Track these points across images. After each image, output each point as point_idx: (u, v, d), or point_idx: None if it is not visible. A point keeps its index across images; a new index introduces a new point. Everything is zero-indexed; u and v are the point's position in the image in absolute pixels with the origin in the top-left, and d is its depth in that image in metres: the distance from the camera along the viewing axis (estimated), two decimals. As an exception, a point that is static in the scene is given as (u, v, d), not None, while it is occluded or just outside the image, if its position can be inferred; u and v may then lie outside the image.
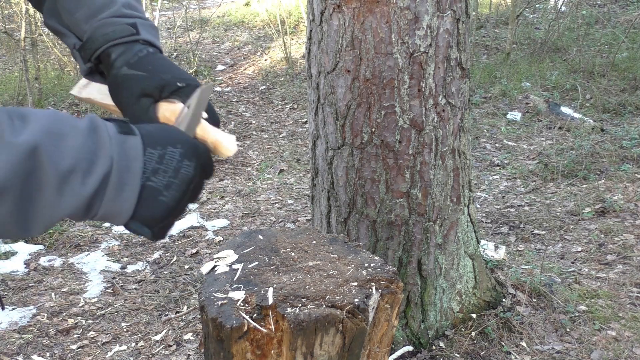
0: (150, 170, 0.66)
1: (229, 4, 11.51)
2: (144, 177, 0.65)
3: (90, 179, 0.60)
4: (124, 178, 0.63)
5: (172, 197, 0.68)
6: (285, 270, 1.25)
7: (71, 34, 0.85)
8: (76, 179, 0.59)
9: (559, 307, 2.49)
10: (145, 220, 0.67)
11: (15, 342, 2.51)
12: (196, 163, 0.70)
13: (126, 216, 0.66)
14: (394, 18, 1.99)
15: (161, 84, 0.81)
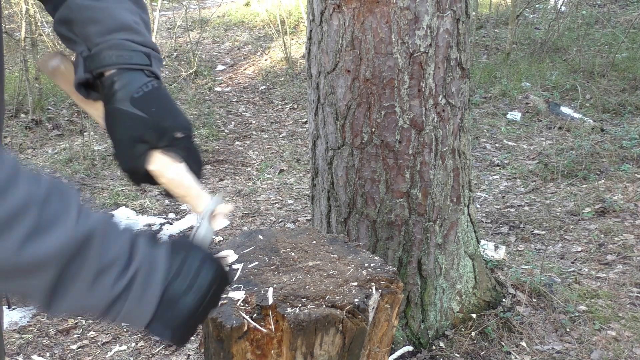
0: (172, 274, 0.69)
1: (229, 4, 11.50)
2: (165, 283, 0.68)
3: (122, 279, 0.63)
4: (148, 281, 0.66)
5: (192, 300, 0.70)
6: (285, 270, 1.25)
7: (81, 42, 0.84)
8: (111, 275, 0.63)
9: (559, 307, 2.49)
10: (165, 322, 0.69)
11: (15, 342, 2.52)
12: (215, 269, 0.73)
13: (146, 319, 0.68)
14: (394, 18, 1.99)
15: (160, 132, 0.81)
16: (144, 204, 4.10)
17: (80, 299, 0.62)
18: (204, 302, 0.72)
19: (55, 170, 4.69)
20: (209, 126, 6.04)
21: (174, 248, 0.70)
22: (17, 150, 5.22)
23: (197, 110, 6.55)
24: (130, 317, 0.66)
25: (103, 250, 0.61)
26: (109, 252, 0.62)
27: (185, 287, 0.69)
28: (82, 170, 4.75)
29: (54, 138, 5.71)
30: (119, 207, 4.02)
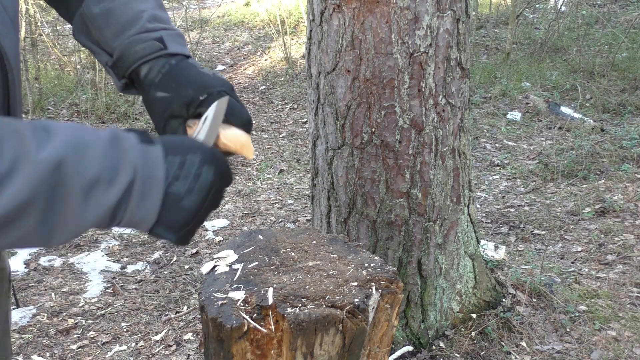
0: (171, 176, 0.68)
1: (229, 4, 11.51)
2: (166, 184, 0.67)
3: (114, 189, 0.62)
4: (147, 186, 0.65)
5: (193, 202, 0.70)
6: (285, 270, 1.25)
7: (102, 51, 0.87)
8: (100, 189, 0.61)
9: (559, 307, 2.49)
10: (169, 225, 0.69)
11: (15, 342, 2.51)
12: (215, 169, 0.72)
13: (150, 222, 0.68)
14: (394, 18, 1.99)
15: (186, 103, 0.82)
16: None
17: (78, 221, 0.61)
18: (206, 202, 0.71)
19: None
20: (209, 126, 6.03)
21: (171, 148, 0.69)
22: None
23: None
24: (134, 222, 0.66)
25: (81, 167, 0.59)
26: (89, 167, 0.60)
27: (187, 189, 0.69)
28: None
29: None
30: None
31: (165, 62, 0.85)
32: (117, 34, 0.85)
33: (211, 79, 0.85)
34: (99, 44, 0.87)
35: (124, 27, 0.84)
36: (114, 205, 0.63)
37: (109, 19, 0.84)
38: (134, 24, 0.85)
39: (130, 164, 0.63)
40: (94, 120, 6.10)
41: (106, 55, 0.87)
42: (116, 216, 0.64)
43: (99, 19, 0.85)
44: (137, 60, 0.84)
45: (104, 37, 0.85)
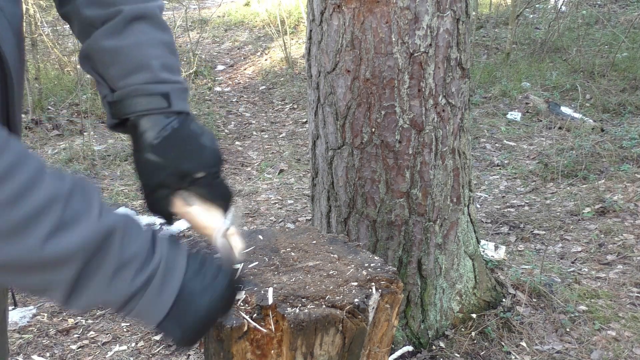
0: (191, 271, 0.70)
1: (229, 4, 11.50)
2: (184, 279, 0.69)
3: (142, 274, 0.65)
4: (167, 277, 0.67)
5: (207, 301, 0.71)
6: (285, 270, 1.25)
7: (104, 83, 0.84)
8: (131, 270, 0.64)
9: (559, 307, 2.49)
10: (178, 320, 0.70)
11: (15, 342, 2.52)
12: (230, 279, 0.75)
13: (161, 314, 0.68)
14: (394, 18, 1.99)
15: (180, 175, 0.82)
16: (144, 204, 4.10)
17: (99, 293, 0.63)
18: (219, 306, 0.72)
19: (55, 170, 4.69)
20: (209, 126, 6.04)
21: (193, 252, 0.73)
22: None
23: (197, 110, 6.56)
24: (145, 313, 0.67)
25: (124, 246, 0.63)
26: (130, 248, 0.63)
27: (202, 288, 0.70)
28: (82, 170, 4.75)
29: (53, 138, 5.72)
30: (119, 207, 4.02)
31: (167, 123, 0.81)
32: (123, 76, 0.81)
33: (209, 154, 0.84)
34: (102, 76, 0.84)
35: (132, 71, 0.81)
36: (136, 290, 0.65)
37: (118, 58, 0.81)
38: (143, 70, 0.81)
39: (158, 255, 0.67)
40: (93, 120, 6.10)
41: (107, 89, 0.83)
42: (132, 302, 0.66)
43: (107, 55, 0.81)
44: (138, 112, 0.81)
45: (109, 74, 0.82)
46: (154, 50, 0.83)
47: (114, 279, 0.63)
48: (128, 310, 0.66)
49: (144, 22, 0.82)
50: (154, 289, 0.66)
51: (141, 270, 0.64)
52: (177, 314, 0.69)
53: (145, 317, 0.68)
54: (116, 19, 0.80)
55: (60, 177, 0.61)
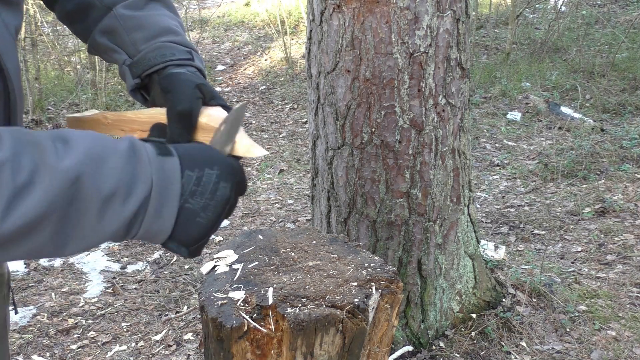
0: (188, 192, 0.67)
1: (229, 4, 11.50)
2: (182, 199, 0.67)
3: (130, 202, 0.61)
4: (163, 200, 0.65)
5: (208, 218, 0.70)
6: (285, 270, 1.25)
7: (122, 50, 0.87)
8: (117, 202, 0.60)
9: (559, 307, 2.49)
10: (182, 240, 0.69)
11: (15, 342, 2.52)
12: (232, 183, 0.72)
13: (164, 237, 0.68)
14: (394, 18, 1.99)
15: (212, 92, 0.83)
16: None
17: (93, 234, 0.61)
18: (220, 217, 0.71)
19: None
20: (209, 126, 6.03)
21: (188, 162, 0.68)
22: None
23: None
24: (148, 236, 0.66)
25: (98, 181, 0.59)
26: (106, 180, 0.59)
27: (202, 205, 0.68)
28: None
29: (54, 138, 5.71)
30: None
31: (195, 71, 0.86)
32: (148, 38, 0.86)
33: None
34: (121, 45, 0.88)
35: (157, 33, 0.86)
36: (130, 219, 0.62)
37: (142, 23, 0.86)
38: (167, 33, 0.87)
39: (147, 178, 0.63)
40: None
41: (125, 55, 0.87)
42: (131, 230, 0.64)
43: (130, 21, 0.86)
44: (166, 61, 0.84)
45: (132, 39, 0.86)
46: (174, 22, 0.91)
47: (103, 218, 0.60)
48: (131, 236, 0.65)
49: (161, 3, 0.91)
50: (151, 213, 0.64)
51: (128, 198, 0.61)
52: (180, 234, 0.68)
53: (149, 239, 0.67)
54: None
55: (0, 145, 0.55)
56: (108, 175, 0.60)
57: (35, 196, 0.54)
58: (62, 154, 0.57)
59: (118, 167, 0.61)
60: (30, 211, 0.54)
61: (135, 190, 0.61)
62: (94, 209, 0.59)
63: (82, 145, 0.59)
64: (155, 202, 0.64)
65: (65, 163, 0.56)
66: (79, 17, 0.90)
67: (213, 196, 0.69)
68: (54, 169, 0.55)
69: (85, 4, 0.89)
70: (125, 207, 0.61)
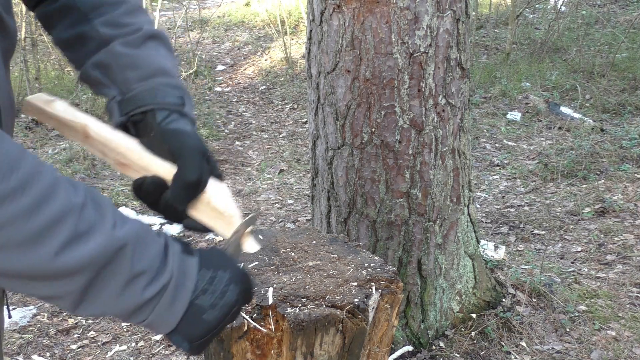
0: (200, 289, 0.71)
1: (229, 4, 11.50)
2: (194, 295, 0.70)
3: (152, 287, 0.66)
4: (178, 292, 0.68)
5: (214, 317, 0.72)
6: (285, 270, 1.25)
7: (114, 87, 0.86)
8: (142, 282, 0.65)
9: (558, 307, 2.49)
10: (186, 334, 0.72)
11: (15, 342, 2.52)
12: (240, 289, 0.75)
13: (169, 328, 0.70)
14: (394, 18, 1.99)
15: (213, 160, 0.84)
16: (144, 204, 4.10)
17: (109, 303, 0.64)
18: (226, 319, 0.74)
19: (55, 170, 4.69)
20: (209, 126, 6.04)
21: (205, 262, 0.73)
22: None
23: (197, 110, 6.56)
24: (156, 324, 0.69)
25: (136, 257, 0.64)
26: (142, 260, 0.64)
27: (211, 304, 0.71)
28: (82, 170, 4.76)
29: (54, 138, 5.72)
30: (119, 207, 4.02)
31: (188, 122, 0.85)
32: (142, 78, 0.85)
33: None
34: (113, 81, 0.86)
35: (152, 74, 0.85)
36: (144, 303, 0.66)
37: (137, 63, 0.85)
38: (165, 75, 0.86)
39: (170, 269, 0.67)
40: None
41: (117, 91, 0.86)
42: (141, 314, 0.67)
43: (126, 59, 0.85)
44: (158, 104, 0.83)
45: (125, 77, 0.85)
46: (171, 63, 0.90)
47: (125, 291, 0.64)
48: (136, 321, 0.68)
49: (158, 42, 0.90)
50: (165, 303, 0.67)
51: (152, 282, 0.65)
52: (185, 328, 0.71)
53: (155, 328, 0.70)
54: (136, 35, 0.86)
55: (75, 187, 0.61)
56: (145, 256, 0.65)
57: (87, 247, 0.59)
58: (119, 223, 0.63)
59: (154, 252, 0.66)
60: (77, 258, 0.58)
61: (159, 277, 0.66)
62: (121, 281, 0.63)
63: (135, 224, 0.66)
64: (170, 292, 0.67)
65: (121, 231, 0.63)
66: (73, 47, 0.89)
67: (222, 296, 0.73)
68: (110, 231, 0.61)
69: (83, 35, 0.87)
70: (147, 289, 0.65)
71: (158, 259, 0.66)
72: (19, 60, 6.00)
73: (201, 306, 0.71)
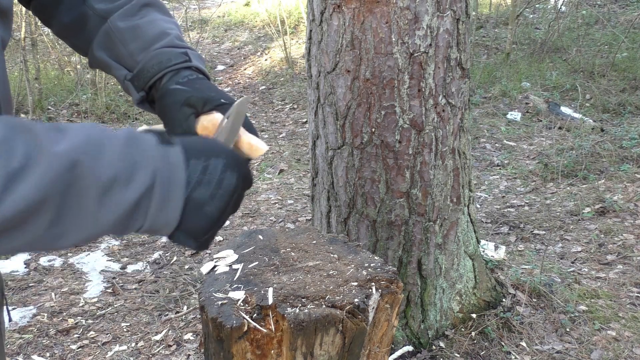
0: (194, 182, 0.66)
1: (229, 4, 11.50)
2: (189, 189, 0.66)
3: (131, 189, 0.59)
4: (168, 189, 0.63)
5: (216, 208, 0.68)
6: (285, 270, 1.25)
7: (120, 66, 0.87)
8: (117, 189, 0.58)
9: (559, 307, 2.49)
10: (190, 231, 0.68)
11: (15, 342, 2.52)
12: (238, 174, 0.71)
13: (171, 228, 0.66)
14: (394, 18, 1.99)
15: (205, 98, 0.82)
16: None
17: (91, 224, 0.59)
18: (228, 208, 0.70)
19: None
20: (209, 126, 6.03)
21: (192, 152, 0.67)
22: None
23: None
24: (155, 228, 0.65)
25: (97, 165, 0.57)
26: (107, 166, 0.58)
27: (209, 195, 0.67)
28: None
29: (54, 138, 5.71)
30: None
31: (192, 72, 0.86)
32: (144, 47, 0.86)
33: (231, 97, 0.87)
34: (119, 59, 0.88)
35: (151, 41, 0.86)
36: (132, 208, 0.60)
37: (137, 33, 0.87)
38: (161, 38, 0.87)
39: (149, 166, 0.61)
40: (94, 120, 6.10)
41: (124, 69, 0.87)
42: (135, 221, 0.62)
43: (126, 32, 0.86)
44: (163, 69, 0.84)
45: (129, 51, 0.86)
46: (168, 24, 0.91)
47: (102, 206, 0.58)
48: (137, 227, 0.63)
49: (153, 8, 0.91)
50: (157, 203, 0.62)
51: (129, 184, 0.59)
52: (188, 225, 0.67)
53: (156, 231, 0.66)
54: (130, 5, 0.88)
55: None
56: (107, 160, 0.58)
57: (31, 181, 0.52)
58: (58, 139, 0.55)
59: (117, 153, 0.59)
60: (25, 197, 0.51)
61: (136, 176, 0.60)
62: (93, 196, 0.57)
63: (78, 131, 0.58)
64: (159, 190, 0.62)
65: (61, 147, 0.55)
66: (75, 31, 0.90)
67: (220, 185, 0.68)
68: (49, 153, 0.53)
69: (81, 15, 0.88)
70: (126, 194, 0.59)
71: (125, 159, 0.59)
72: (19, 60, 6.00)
73: (199, 199, 0.66)
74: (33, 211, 0.53)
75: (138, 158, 0.61)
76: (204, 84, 0.85)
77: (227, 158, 0.70)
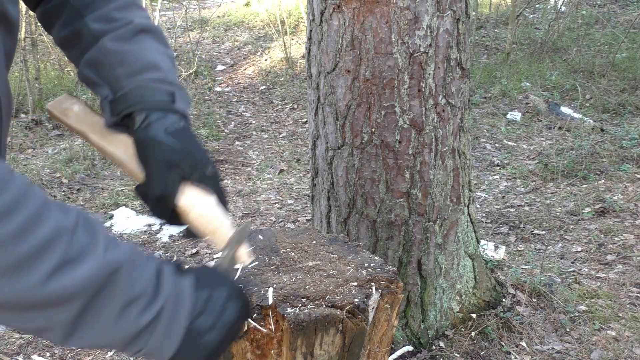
0: (197, 312, 0.68)
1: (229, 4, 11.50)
2: (191, 318, 0.68)
3: (148, 312, 0.63)
4: (174, 316, 0.65)
5: (214, 338, 0.70)
6: (285, 270, 1.25)
7: (106, 85, 0.85)
8: (138, 307, 0.62)
9: (559, 307, 2.49)
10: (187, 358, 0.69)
11: (15, 342, 2.52)
12: (238, 305, 0.73)
13: (169, 354, 0.67)
14: (394, 18, 1.99)
15: (193, 164, 0.81)
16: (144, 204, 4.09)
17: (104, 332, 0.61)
18: (226, 340, 0.72)
19: (55, 170, 4.69)
20: (209, 126, 6.04)
21: (200, 281, 0.70)
22: (17, 150, 5.22)
23: (197, 110, 6.56)
24: (154, 352, 0.66)
25: (130, 282, 0.61)
26: (137, 284, 0.62)
27: (210, 324, 0.69)
28: (82, 170, 4.75)
29: (54, 138, 5.72)
30: (119, 207, 4.02)
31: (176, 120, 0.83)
32: (131, 74, 0.83)
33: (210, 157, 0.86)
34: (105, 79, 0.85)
35: (141, 70, 0.83)
36: (141, 330, 0.63)
37: (126, 58, 0.84)
38: (152, 70, 0.84)
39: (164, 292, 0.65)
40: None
41: (108, 90, 0.85)
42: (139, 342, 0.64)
43: (115, 56, 0.83)
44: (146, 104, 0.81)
45: (115, 75, 0.83)
46: (161, 57, 0.87)
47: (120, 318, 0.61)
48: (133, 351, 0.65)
49: (150, 35, 0.87)
50: (162, 329, 0.64)
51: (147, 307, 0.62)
52: (186, 351, 0.68)
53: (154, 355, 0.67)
54: (125, 28, 0.84)
55: (65, 210, 0.58)
56: (139, 279, 0.62)
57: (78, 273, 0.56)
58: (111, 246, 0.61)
59: (148, 275, 0.64)
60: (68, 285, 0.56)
61: (154, 300, 0.63)
62: (116, 306, 0.60)
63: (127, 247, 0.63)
64: (166, 317, 0.64)
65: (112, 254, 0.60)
66: (71, 45, 0.88)
67: (221, 316, 0.70)
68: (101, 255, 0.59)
69: (76, 31, 0.87)
70: (143, 315, 0.62)
71: (152, 282, 0.63)
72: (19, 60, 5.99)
73: (199, 329, 0.68)
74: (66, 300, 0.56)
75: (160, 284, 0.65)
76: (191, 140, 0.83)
77: (230, 289, 0.73)
